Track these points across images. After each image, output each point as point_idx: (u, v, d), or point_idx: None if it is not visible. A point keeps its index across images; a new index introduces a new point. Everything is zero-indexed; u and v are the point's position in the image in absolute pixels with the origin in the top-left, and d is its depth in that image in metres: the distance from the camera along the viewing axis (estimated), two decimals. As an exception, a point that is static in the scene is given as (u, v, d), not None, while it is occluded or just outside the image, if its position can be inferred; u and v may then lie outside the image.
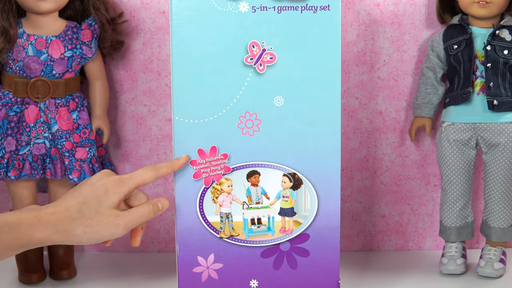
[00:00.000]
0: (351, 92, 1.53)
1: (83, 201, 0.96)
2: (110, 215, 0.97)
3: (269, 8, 1.10)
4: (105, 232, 0.97)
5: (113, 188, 0.98)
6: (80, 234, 0.96)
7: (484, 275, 1.40)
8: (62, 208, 0.96)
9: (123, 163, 1.54)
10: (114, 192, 0.98)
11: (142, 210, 1.00)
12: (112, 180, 0.98)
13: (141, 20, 1.50)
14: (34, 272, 1.40)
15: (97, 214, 0.96)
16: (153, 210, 1.02)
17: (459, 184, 1.43)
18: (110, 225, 0.96)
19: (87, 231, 0.96)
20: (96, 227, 0.96)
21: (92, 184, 0.98)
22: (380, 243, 1.58)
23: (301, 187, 1.15)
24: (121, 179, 0.99)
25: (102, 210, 0.96)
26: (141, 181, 1.01)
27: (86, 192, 0.97)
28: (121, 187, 0.98)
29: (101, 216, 0.96)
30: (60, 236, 0.95)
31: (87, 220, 0.96)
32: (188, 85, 1.11)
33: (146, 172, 1.02)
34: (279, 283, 1.16)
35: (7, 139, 1.37)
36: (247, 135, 1.13)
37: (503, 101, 1.38)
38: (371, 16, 1.50)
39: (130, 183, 1.00)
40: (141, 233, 1.06)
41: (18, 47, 1.36)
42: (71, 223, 0.95)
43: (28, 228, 0.94)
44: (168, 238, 1.57)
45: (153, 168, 1.04)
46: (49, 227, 0.95)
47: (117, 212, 0.97)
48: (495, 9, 1.39)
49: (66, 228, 0.95)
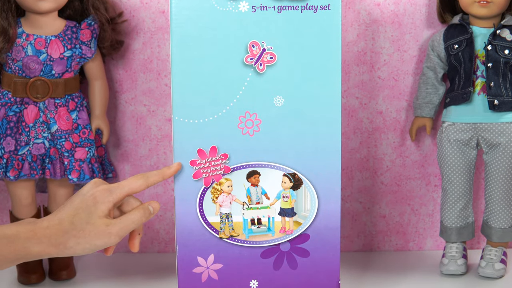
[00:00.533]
0: (351, 92, 1.52)
1: (74, 213, 0.98)
2: (101, 225, 0.98)
3: (269, 7, 1.10)
4: (98, 241, 0.98)
5: (102, 198, 0.99)
6: (73, 246, 0.98)
7: (485, 276, 1.40)
8: (56, 222, 0.98)
9: (122, 163, 1.54)
10: (103, 201, 0.99)
11: (133, 217, 1.01)
12: (101, 190, 1.00)
13: (140, 19, 1.50)
14: (33, 272, 1.40)
15: (88, 224, 0.98)
16: (144, 215, 1.03)
17: (459, 184, 1.42)
18: (102, 234, 0.98)
19: (80, 242, 0.98)
20: (88, 237, 0.98)
21: (82, 195, 1.00)
22: (381, 244, 1.58)
23: (301, 187, 1.14)
24: (109, 188, 1.01)
25: (93, 221, 0.98)
26: (130, 190, 1.02)
27: (76, 204, 0.99)
28: (110, 196, 1.00)
29: (92, 227, 0.98)
30: (55, 249, 0.98)
31: (79, 232, 0.97)
32: (188, 85, 1.11)
33: (135, 181, 1.03)
34: (279, 284, 1.16)
35: (6, 139, 1.36)
36: (247, 135, 1.12)
37: (503, 101, 1.38)
38: (371, 16, 1.50)
39: (119, 192, 1.01)
40: (138, 238, 1.07)
41: (18, 46, 1.35)
42: (64, 236, 0.97)
43: (25, 241, 0.97)
44: (168, 238, 1.57)
45: (143, 176, 1.04)
46: (44, 240, 0.97)
47: (108, 221, 0.99)
48: (496, 8, 1.38)
49: (61, 241, 0.97)
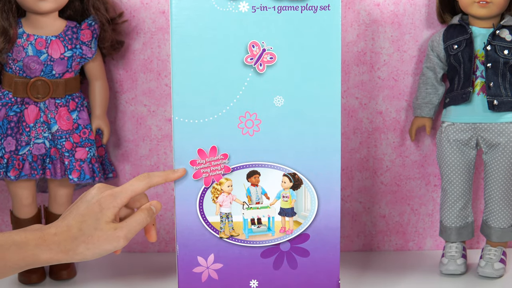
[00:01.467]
0: (351, 92, 1.53)
1: (82, 219, 1.00)
2: (109, 230, 1.00)
3: (269, 8, 1.10)
4: (108, 246, 1.00)
5: (107, 204, 1.01)
6: (83, 252, 0.99)
7: (485, 275, 1.40)
8: (64, 228, 1.00)
9: (123, 163, 1.54)
10: (109, 207, 1.01)
11: (138, 218, 1.03)
12: (105, 196, 1.01)
13: (141, 20, 1.50)
14: (34, 272, 1.40)
15: (96, 230, 1.00)
16: (148, 214, 1.05)
17: (459, 184, 1.42)
18: (111, 239, 1.00)
19: (89, 247, 0.99)
20: (98, 243, 1.00)
21: (87, 201, 1.02)
22: (380, 243, 1.58)
23: (301, 187, 1.15)
24: (113, 193, 1.02)
25: (101, 226, 1.00)
26: (133, 192, 1.04)
27: (82, 210, 1.01)
28: (114, 201, 1.01)
29: (100, 232, 1.00)
30: (65, 255, 0.99)
31: (88, 238, 0.99)
32: (188, 85, 1.11)
33: (137, 183, 1.05)
34: (279, 283, 1.16)
35: (7, 139, 1.37)
36: (247, 135, 1.13)
37: (503, 101, 1.38)
38: (371, 16, 1.50)
39: (123, 196, 1.02)
40: (154, 229, 1.09)
41: (18, 47, 1.36)
42: (74, 242, 0.99)
43: (34, 248, 0.98)
44: (168, 238, 1.57)
45: (146, 177, 1.06)
46: (53, 247, 0.99)
47: (115, 225, 1.01)
48: (495, 9, 1.39)
49: (70, 247, 0.99)
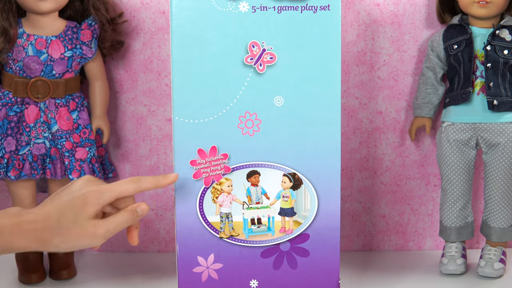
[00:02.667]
0: (351, 92, 1.53)
1: (62, 211, 0.97)
2: (88, 226, 0.98)
3: (269, 8, 1.10)
4: (83, 242, 0.98)
5: (92, 200, 0.98)
6: (58, 244, 0.97)
7: (484, 275, 1.40)
8: (42, 217, 0.97)
9: (123, 163, 1.54)
10: (93, 204, 0.98)
11: (119, 218, 1.00)
12: (91, 192, 0.99)
13: (141, 20, 1.50)
14: (34, 272, 1.40)
15: (75, 225, 0.97)
16: (131, 216, 1.01)
17: (459, 184, 1.42)
18: (88, 236, 0.98)
19: (65, 241, 0.97)
20: (74, 237, 0.97)
21: (71, 193, 0.99)
22: (380, 243, 1.58)
23: (301, 187, 1.15)
24: (100, 190, 0.99)
25: (80, 222, 0.97)
26: (120, 193, 1.01)
27: (65, 201, 0.98)
28: (100, 198, 0.99)
29: (79, 227, 0.97)
30: (39, 245, 0.97)
31: (65, 231, 0.97)
32: (188, 85, 1.11)
33: (126, 184, 1.01)
34: (279, 283, 1.16)
35: (7, 139, 1.37)
36: (247, 135, 1.13)
37: (503, 101, 1.38)
38: (371, 16, 1.50)
39: (108, 195, 1.00)
40: (136, 232, 1.06)
41: (18, 47, 1.36)
42: (50, 233, 0.97)
43: (9, 235, 0.96)
44: (168, 238, 1.57)
45: (136, 180, 1.02)
46: (29, 236, 0.96)
47: (95, 222, 0.98)
48: (495, 9, 1.39)
49: (46, 238, 0.97)
